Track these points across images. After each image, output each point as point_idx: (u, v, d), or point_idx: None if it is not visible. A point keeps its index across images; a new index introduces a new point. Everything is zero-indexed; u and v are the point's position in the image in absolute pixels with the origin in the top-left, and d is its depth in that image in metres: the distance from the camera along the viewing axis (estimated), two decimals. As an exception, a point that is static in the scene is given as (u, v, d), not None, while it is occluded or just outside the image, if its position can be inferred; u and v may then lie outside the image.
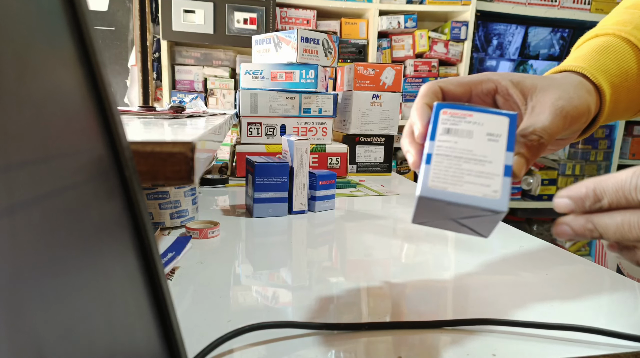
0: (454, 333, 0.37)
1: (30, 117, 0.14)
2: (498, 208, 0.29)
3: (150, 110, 0.79)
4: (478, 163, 0.30)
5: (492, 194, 0.29)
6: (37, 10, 0.16)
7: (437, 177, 0.30)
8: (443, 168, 0.30)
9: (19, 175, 0.13)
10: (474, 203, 0.29)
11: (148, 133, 0.33)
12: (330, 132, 1.04)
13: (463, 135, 0.31)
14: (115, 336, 0.17)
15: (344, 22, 2.07)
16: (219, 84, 1.96)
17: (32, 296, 0.13)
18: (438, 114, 0.33)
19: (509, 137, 0.31)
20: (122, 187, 0.20)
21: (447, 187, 0.30)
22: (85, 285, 0.16)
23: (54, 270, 0.14)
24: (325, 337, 0.35)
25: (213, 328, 0.36)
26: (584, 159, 2.36)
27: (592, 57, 0.41)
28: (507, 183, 0.30)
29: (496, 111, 0.32)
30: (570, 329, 0.36)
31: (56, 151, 0.16)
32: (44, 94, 0.16)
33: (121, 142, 0.20)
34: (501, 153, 0.31)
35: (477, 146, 0.31)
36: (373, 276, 0.48)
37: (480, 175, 0.30)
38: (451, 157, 0.31)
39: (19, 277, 0.12)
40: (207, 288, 0.44)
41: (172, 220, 0.62)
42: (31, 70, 0.15)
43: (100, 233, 0.18)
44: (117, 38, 1.98)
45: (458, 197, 0.30)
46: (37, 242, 0.13)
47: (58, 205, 0.15)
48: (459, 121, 0.32)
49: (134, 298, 0.19)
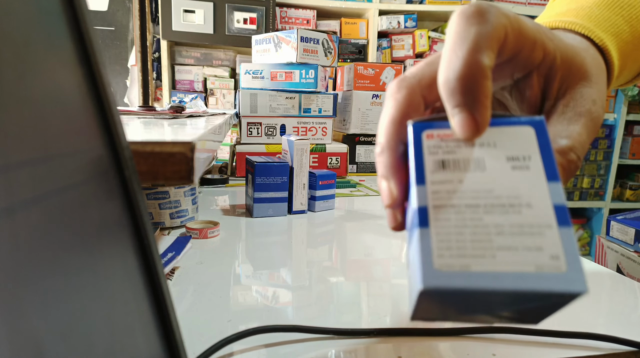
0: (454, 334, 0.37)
1: (29, 117, 0.14)
2: (569, 288, 0.17)
3: (150, 110, 0.79)
4: (509, 210, 0.19)
5: (551, 264, 0.17)
6: (36, 10, 0.16)
7: (447, 248, 0.18)
8: (453, 230, 0.18)
9: (18, 175, 0.13)
10: (524, 288, 0.17)
11: (148, 133, 0.33)
12: (330, 131, 1.04)
13: (470, 168, 0.20)
14: (115, 336, 0.17)
15: (344, 22, 2.07)
16: (219, 84, 1.96)
17: (31, 296, 0.13)
18: (419, 138, 0.21)
19: (543, 158, 0.20)
20: (122, 187, 0.20)
21: (469, 264, 0.18)
22: (85, 285, 0.16)
23: (54, 270, 0.14)
24: (326, 340, 0.35)
25: (213, 328, 0.36)
26: (584, 159, 2.36)
27: (599, 12, 0.29)
28: (568, 238, 0.18)
29: (507, 118, 0.21)
30: (570, 336, 0.36)
31: (56, 151, 0.16)
32: (44, 94, 0.16)
33: (121, 142, 0.20)
34: (541, 187, 0.19)
35: (497, 181, 0.19)
36: (373, 276, 0.48)
37: (520, 231, 0.18)
38: (461, 207, 0.19)
39: (18, 277, 0.12)
40: (207, 289, 0.44)
41: (172, 220, 0.62)
42: (31, 70, 0.15)
43: (100, 234, 0.18)
44: (117, 38, 1.98)
45: (493, 280, 0.17)
46: (37, 242, 0.13)
47: (57, 205, 0.15)
48: (457, 146, 0.20)
49: (134, 298, 0.19)
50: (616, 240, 0.98)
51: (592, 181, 2.35)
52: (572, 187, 2.34)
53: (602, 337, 0.35)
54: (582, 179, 2.35)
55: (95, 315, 0.16)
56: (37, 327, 0.12)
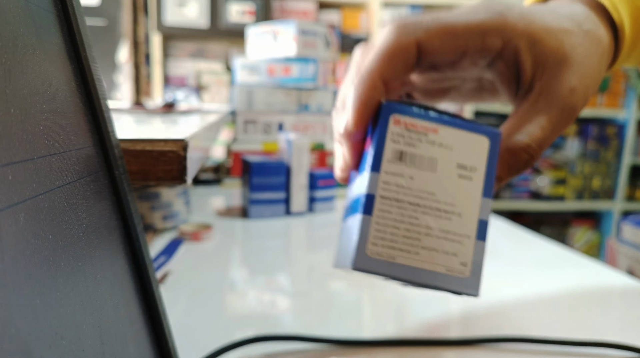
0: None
1: (15, 114, 0.14)
2: (466, 291, 0.21)
3: (141, 107, 0.78)
4: (442, 216, 0.21)
5: (459, 269, 0.21)
6: (25, 3, 0.15)
7: (382, 238, 0.21)
8: (390, 223, 0.21)
9: (3, 175, 0.12)
10: (433, 283, 0.21)
11: (139, 130, 0.32)
12: (330, 129, 1.03)
13: (423, 166, 0.21)
14: (105, 344, 0.16)
15: (346, 14, 2.04)
16: (214, 79, 1.95)
17: (18, 302, 0.12)
18: (387, 122, 0.22)
19: (487, 173, 0.22)
20: (112, 187, 0.19)
21: (394, 256, 0.21)
22: (74, 290, 0.15)
23: (41, 274, 0.14)
24: (326, 349, 0.35)
25: (207, 336, 0.35)
26: (594, 158, 2.33)
27: None
28: (480, 250, 0.21)
29: (471, 124, 0.22)
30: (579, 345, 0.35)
31: (43, 150, 0.15)
32: (32, 91, 0.15)
33: (111, 140, 0.19)
34: (475, 200, 0.21)
35: (441, 185, 0.21)
36: (375, 282, 0.48)
37: (444, 236, 0.21)
38: (404, 203, 0.21)
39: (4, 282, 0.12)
40: (201, 294, 0.43)
41: (164, 222, 0.61)
42: (18, 65, 0.14)
43: (88, 236, 0.17)
44: (108, 32, 1.97)
45: (410, 272, 0.21)
46: (23, 245, 0.13)
47: (44, 207, 0.15)
48: (419, 140, 0.21)
49: (125, 304, 0.18)
50: (628, 242, 0.97)
51: (602, 181, 2.31)
52: (581, 187, 2.33)
53: (614, 345, 0.34)
54: (592, 179, 2.31)
55: (85, 322, 0.16)
56: (24, 334, 0.12)
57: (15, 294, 0.12)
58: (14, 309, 0.12)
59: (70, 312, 0.15)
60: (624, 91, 2.34)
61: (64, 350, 0.14)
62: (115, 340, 0.17)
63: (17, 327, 0.12)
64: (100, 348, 0.16)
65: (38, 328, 0.13)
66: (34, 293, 0.13)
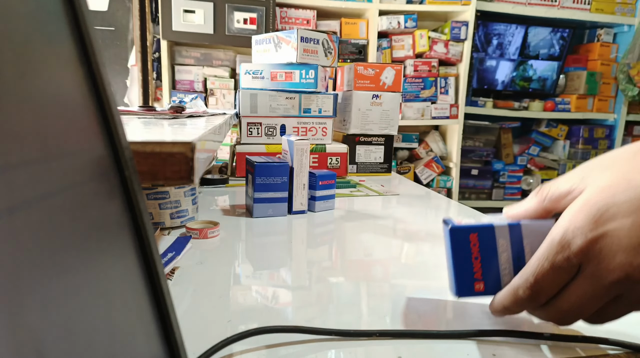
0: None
1: (30, 116, 0.14)
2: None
3: (150, 110, 0.79)
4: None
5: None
6: (37, 9, 0.16)
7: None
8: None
9: (18, 175, 0.13)
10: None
11: (148, 133, 0.33)
12: (330, 132, 1.04)
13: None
14: (115, 336, 0.17)
15: (344, 22, 2.07)
16: (219, 84, 1.96)
17: (32, 296, 0.12)
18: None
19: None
20: (122, 187, 0.20)
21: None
22: (85, 285, 0.16)
23: (54, 270, 0.14)
24: (326, 341, 0.35)
25: (213, 328, 0.36)
26: (584, 159, 2.36)
27: None
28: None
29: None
30: (569, 340, 0.36)
31: (56, 151, 0.16)
32: (44, 94, 0.16)
33: (121, 142, 0.20)
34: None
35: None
36: (373, 276, 0.48)
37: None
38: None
39: (18, 277, 0.12)
40: (207, 289, 0.44)
41: (172, 220, 0.62)
42: (32, 70, 0.15)
43: (100, 233, 0.17)
44: (117, 38, 1.98)
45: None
46: (37, 242, 0.13)
47: (58, 205, 0.15)
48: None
49: (134, 298, 0.19)
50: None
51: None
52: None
53: (611, 341, 0.35)
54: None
55: (95, 316, 0.16)
56: (37, 327, 0.12)
57: (27, 289, 0.12)
58: (26, 304, 0.12)
59: (81, 306, 0.15)
60: (613, 95, 2.38)
61: (75, 343, 0.14)
62: (124, 333, 0.18)
63: (29, 321, 0.12)
64: (110, 341, 0.17)
65: (49, 323, 0.13)
66: (46, 288, 0.13)
